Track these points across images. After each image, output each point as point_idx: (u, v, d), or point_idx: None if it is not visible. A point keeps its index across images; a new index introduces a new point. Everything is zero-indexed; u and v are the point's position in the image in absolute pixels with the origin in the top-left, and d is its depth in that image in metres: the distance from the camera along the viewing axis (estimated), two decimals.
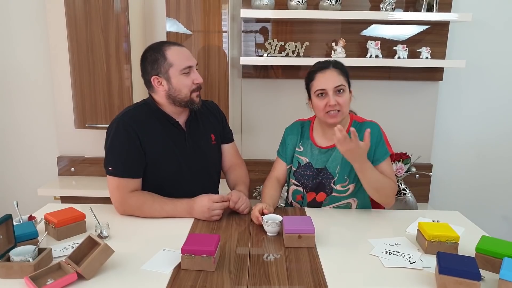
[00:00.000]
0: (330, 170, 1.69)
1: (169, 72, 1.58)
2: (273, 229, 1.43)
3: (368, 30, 2.61)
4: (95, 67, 2.39)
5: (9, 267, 1.13)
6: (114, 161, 1.59)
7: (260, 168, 2.73)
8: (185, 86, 1.60)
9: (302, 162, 1.75)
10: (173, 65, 1.58)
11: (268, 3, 2.40)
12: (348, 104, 1.67)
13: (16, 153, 2.86)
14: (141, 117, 1.63)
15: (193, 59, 1.64)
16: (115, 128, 1.60)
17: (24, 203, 1.69)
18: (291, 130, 1.82)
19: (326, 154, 1.71)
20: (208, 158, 1.77)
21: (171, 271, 1.19)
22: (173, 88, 1.60)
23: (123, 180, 1.57)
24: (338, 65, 1.68)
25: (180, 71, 1.59)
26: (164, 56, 1.58)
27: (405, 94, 2.73)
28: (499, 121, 2.80)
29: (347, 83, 1.67)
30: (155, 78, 1.61)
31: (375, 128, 1.67)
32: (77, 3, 2.31)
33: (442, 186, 2.89)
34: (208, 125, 1.78)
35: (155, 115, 1.65)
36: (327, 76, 1.63)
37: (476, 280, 1.06)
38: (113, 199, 1.61)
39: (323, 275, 1.18)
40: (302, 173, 1.74)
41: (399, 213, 1.71)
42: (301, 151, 1.76)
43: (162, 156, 1.63)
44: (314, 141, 1.75)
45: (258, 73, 2.68)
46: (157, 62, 1.59)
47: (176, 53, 1.59)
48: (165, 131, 1.65)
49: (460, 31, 2.66)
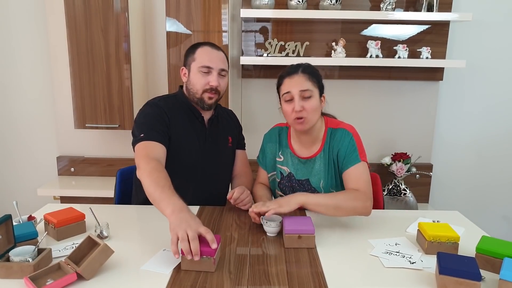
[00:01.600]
0: (314, 185, 1.64)
1: (191, 65, 1.69)
2: (272, 229, 1.43)
3: (368, 30, 2.61)
4: (95, 67, 2.39)
5: (9, 267, 1.12)
6: (146, 128, 1.60)
7: None
8: (199, 83, 1.67)
9: (285, 172, 1.71)
10: (195, 60, 1.68)
11: (268, 3, 2.40)
12: (316, 111, 1.56)
13: (16, 153, 2.86)
14: (171, 104, 1.71)
15: (217, 63, 1.67)
16: (148, 108, 1.68)
17: (23, 203, 1.69)
18: (270, 137, 1.78)
19: (306, 165, 1.66)
20: (222, 158, 1.83)
21: (171, 271, 1.18)
22: (190, 81, 1.70)
23: (153, 143, 1.57)
24: (308, 70, 1.58)
25: (198, 68, 1.66)
26: (194, 51, 1.70)
27: (405, 94, 2.73)
28: (499, 121, 2.80)
29: (317, 88, 1.58)
30: (183, 69, 1.74)
31: (346, 136, 1.59)
32: (77, 3, 2.31)
33: (442, 186, 2.89)
34: (227, 128, 1.86)
35: (182, 106, 1.73)
36: (294, 80, 1.56)
37: (476, 280, 1.06)
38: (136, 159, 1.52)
39: (323, 276, 1.17)
40: (286, 184, 1.71)
41: (399, 213, 1.70)
42: (282, 160, 1.72)
43: (184, 144, 1.69)
44: (292, 150, 1.70)
45: (258, 73, 2.68)
46: (188, 54, 1.72)
47: (203, 52, 1.68)
48: (190, 123, 1.72)
49: (460, 31, 2.66)
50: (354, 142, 1.59)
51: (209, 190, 1.76)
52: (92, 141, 2.76)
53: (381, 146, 2.77)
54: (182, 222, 1.20)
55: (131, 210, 1.68)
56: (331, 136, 1.62)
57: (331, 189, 1.62)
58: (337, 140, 1.61)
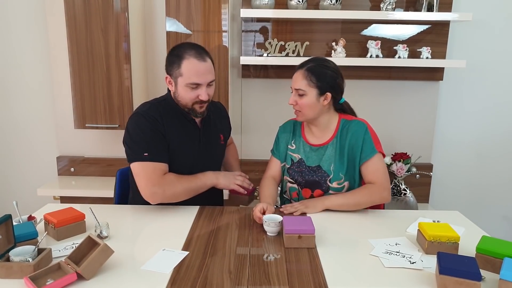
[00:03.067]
0: (325, 168, 1.71)
1: (178, 80, 1.63)
2: (273, 229, 1.43)
3: (368, 29, 2.61)
4: (94, 67, 2.39)
5: (9, 267, 1.12)
6: (148, 147, 1.60)
7: (260, 168, 2.73)
8: (187, 98, 1.64)
9: (295, 159, 1.79)
10: (183, 75, 1.61)
11: (268, 3, 2.39)
12: (309, 108, 1.66)
13: (16, 153, 2.86)
14: (162, 111, 1.69)
15: (205, 77, 1.61)
16: (142, 119, 1.64)
17: (23, 203, 1.69)
18: (284, 128, 1.87)
19: (318, 152, 1.74)
20: (216, 156, 1.88)
21: (171, 271, 1.18)
22: (178, 93, 1.66)
23: (158, 164, 1.61)
24: (312, 69, 1.65)
25: (186, 84, 1.61)
26: (179, 64, 1.61)
27: (405, 94, 2.73)
28: (499, 121, 2.80)
29: (315, 88, 1.64)
30: (167, 77, 1.68)
31: (361, 128, 1.69)
32: (77, 3, 2.31)
33: (443, 186, 2.89)
34: (219, 125, 1.88)
35: (173, 111, 1.71)
36: (295, 76, 1.68)
37: (477, 280, 1.06)
38: (150, 184, 1.57)
39: (323, 275, 1.17)
40: (295, 169, 1.78)
41: (399, 213, 1.70)
42: (294, 148, 1.81)
43: (179, 149, 1.69)
44: (305, 139, 1.79)
45: (258, 73, 2.68)
46: (173, 65, 1.63)
47: (190, 66, 1.59)
48: (182, 127, 1.72)
49: (461, 31, 2.66)
50: (369, 134, 1.68)
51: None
52: (92, 141, 2.75)
53: None
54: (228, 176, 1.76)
55: (131, 210, 1.68)
56: (346, 127, 1.71)
57: (340, 174, 1.69)
58: (352, 131, 1.69)
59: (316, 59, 1.71)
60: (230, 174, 1.78)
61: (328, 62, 1.71)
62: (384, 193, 1.64)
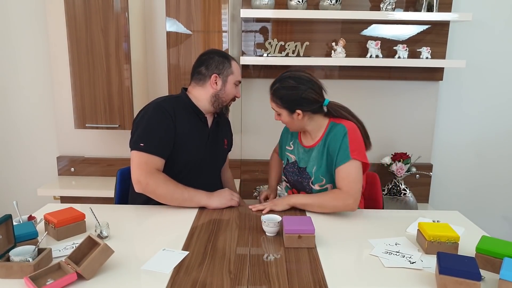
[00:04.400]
0: (308, 170, 1.73)
1: (229, 78, 1.80)
2: (271, 229, 1.43)
3: (368, 30, 2.61)
4: (95, 67, 2.39)
5: (9, 267, 1.12)
6: (147, 138, 1.66)
7: (260, 168, 2.73)
8: (232, 94, 1.83)
9: (291, 159, 1.83)
10: (233, 74, 1.82)
11: (268, 3, 2.39)
12: (290, 123, 1.72)
13: (16, 153, 2.86)
14: (175, 105, 1.76)
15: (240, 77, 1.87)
16: (153, 108, 1.71)
17: (24, 203, 1.69)
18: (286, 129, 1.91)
19: (308, 153, 1.76)
20: (220, 158, 1.96)
21: (171, 271, 1.18)
22: (224, 91, 1.81)
23: (151, 156, 1.64)
24: (274, 92, 1.69)
25: (235, 81, 1.82)
26: (229, 64, 1.81)
27: (405, 94, 2.73)
28: (499, 121, 2.80)
29: (284, 109, 1.68)
30: (215, 76, 1.79)
31: (340, 132, 1.65)
32: (77, 3, 2.31)
33: (442, 186, 2.89)
34: (224, 130, 1.98)
35: (186, 107, 1.79)
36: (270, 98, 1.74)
37: (476, 280, 1.06)
38: (138, 173, 1.62)
39: (323, 275, 1.17)
40: (288, 170, 1.83)
41: (399, 213, 1.71)
42: (291, 149, 1.85)
43: (188, 144, 1.74)
44: (300, 141, 1.82)
45: (258, 73, 2.68)
46: (224, 65, 1.80)
47: (236, 67, 1.84)
48: (194, 123, 1.79)
49: (460, 31, 2.66)
50: (346, 140, 1.62)
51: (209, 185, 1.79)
52: (92, 141, 2.76)
53: (381, 146, 2.77)
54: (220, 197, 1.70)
55: (131, 210, 1.69)
56: (331, 129, 1.71)
57: (321, 176, 1.70)
58: (332, 135, 1.68)
59: (280, 79, 1.69)
60: (227, 194, 1.72)
61: (288, 80, 1.66)
62: (348, 201, 1.58)
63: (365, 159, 1.63)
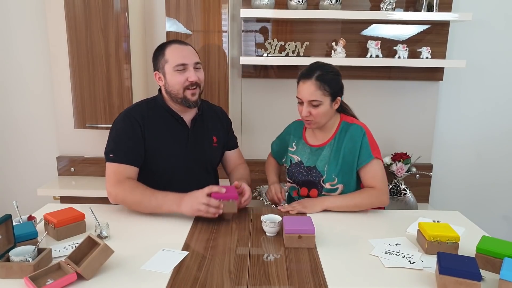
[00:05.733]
0: (319, 169, 1.73)
1: (165, 68, 1.66)
2: (272, 229, 1.43)
3: (368, 30, 2.61)
4: (94, 67, 2.39)
5: (9, 267, 1.12)
6: (116, 148, 1.64)
7: (260, 168, 2.73)
8: (177, 83, 1.65)
9: (294, 160, 1.82)
10: (168, 61, 1.65)
11: (268, 3, 2.39)
12: (323, 116, 1.68)
13: (16, 153, 2.86)
14: (146, 110, 1.71)
15: (190, 58, 1.67)
16: (121, 118, 1.69)
17: (23, 203, 1.69)
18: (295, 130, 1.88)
19: (316, 152, 1.76)
20: (207, 157, 1.83)
21: (171, 271, 1.18)
22: (168, 84, 1.67)
23: (121, 166, 1.61)
24: (321, 78, 1.64)
25: (173, 67, 1.64)
26: (163, 53, 1.67)
27: (405, 94, 2.73)
28: (499, 121, 2.80)
29: (328, 96, 1.65)
30: (156, 73, 1.71)
31: (358, 132, 1.69)
32: (77, 3, 2.31)
33: (442, 186, 2.89)
34: (212, 127, 1.84)
35: (160, 110, 1.73)
36: (306, 87, 1.65)
37: (477, 280, 1.06)
38: (108, 184, 1.62)
39: (323, 275, 1.17)
40: (293, 170, 1.81)
41: (399, 213, 1.71)
42: (294, 150, 1.84)
43: (162, 149, 1.69)
44: (306, 140, 1.81)
45: (258, 73, 2.68)
46: (158, 58, 1.69)
47: (174, 51, 1.66)
48: (168, 126, 1.71)
49: (460, 31, 2.66)
50: (366, 139, 1.68)
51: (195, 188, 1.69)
52: (92, 141, 2.75)
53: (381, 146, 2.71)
54: (191, 203, 1.46)
55: (131, 210, 1.68)
56: (344, 129, 1.72)
57: (334, 176, 1.69)
58: (350, 136, 1.70)
59: (319, 66, 1.69)
60: (195, 200, 1.46)
61: (331, 66, 1.71)
62: (383, 197, 1.67)
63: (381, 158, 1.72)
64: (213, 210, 1.45)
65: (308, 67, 1.69)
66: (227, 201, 1.50)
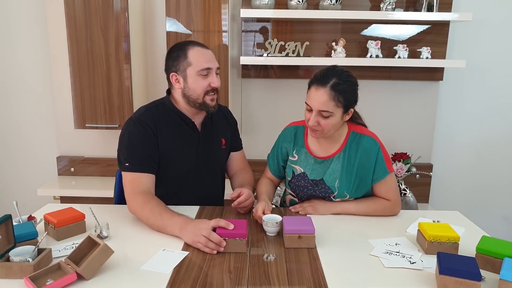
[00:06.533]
0: (328, 184, 1.62)
1: (187, 71, 1.58)
2: (272, 229, 1.43)
3: (368, 30, 2.61)
4: (94, 67, 2.39)
5: (9, 267, 1.12)
6: (129, 157, 1.58)
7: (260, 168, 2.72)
8: (200, 87, 1.59)
9: (296, 171, 1.68)
10: (192, 64, 1.58)
11: (268, 3, 2.39)
12: (333, 127, 1.54)
13: (16, 153, 2.86)
14: (156, 116, 1.64)
15: (214, 62, 1.62)
16: (132, 126, 1.61)
17: (23, 203, 1.69)
18: (285, 137, 1.73)
19: (322, 164, 1.63)
20: (216, 160, 1.80)
21: (171, 271, 1.18)
22: (188, 87, 1.60)
23: (137, 175, 1.56)
24: (336, 87, 1.48)
25: (198, 72, 1.58)
26: (185, 55, 1.58)
27: (405, 94, 2.73)
28: (499, 121, 2.80)
29: (341, 108, 1.50)
30: (174, 75, 1.62)
31: (373, 147, 1.59)
32: (77, 3, 2.31)
33: (443, 186, 2.89)
34: (221, 129, 1.80)
35: (170, 114, 1.66)
36: (318, 95, 1.49)
37: (477, 280, 1.06)
38: (125, 194, 1.57)
39: (323, 276, 1.17)
40: (296, 183, 1.69)
41: (399, 213, 1.70)
42: (295, 160, 1.69)
43: (175, 154, 1.65)
44: (309, 150, 1.67)
45: (258, 73, 2.68)
46: (178, 59, 1.59)
47: (197, 54, 1.58)
48: (179, 131, 1.66)
49: (460, 31, 2.66)
50: (381, 154, 1.60)
51: (203, 194, 1.74)
52: (92, 141, 2.75)
53: None
54: (194, 231, 1.34)
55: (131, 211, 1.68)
56: (355, 141, 1.61)
57: (346, 192, 1.61)
58: (364, 149, 1.59)
59: (336, 73, 1.51)
60: (198, 231, 1.32)
61: (349, 75, 1.54)
62: (397, 209, 1.65)
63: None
64: (212, 246, 1.29)
65: (324, 71, 1.52)
66: (234, 240, 1.30)
